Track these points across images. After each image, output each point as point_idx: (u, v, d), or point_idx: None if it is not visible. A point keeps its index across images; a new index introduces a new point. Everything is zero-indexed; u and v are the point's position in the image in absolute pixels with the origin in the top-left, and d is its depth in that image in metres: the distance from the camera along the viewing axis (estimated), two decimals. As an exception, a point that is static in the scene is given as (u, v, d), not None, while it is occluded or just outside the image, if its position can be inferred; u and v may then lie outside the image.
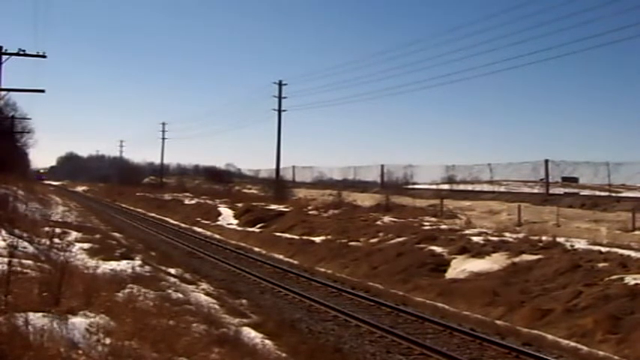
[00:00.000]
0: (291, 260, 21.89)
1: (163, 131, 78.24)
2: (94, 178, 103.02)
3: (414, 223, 24.43)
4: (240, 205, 39.26)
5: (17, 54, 26.26)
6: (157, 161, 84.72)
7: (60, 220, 25.54)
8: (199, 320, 9.32)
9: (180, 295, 11.92)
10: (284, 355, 9.18)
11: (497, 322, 12.53)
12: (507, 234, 20.13)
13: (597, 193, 29.66)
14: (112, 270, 12.74)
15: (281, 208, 34.74)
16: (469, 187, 36.47)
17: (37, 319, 6.06)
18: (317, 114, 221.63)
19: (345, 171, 47.85)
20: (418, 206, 30.97)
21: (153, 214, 44.90)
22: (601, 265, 14.52)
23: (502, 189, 35.10)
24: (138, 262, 15.04)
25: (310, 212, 31.98)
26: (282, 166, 49.25)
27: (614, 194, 28.96)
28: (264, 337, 10.07)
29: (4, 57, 26.20)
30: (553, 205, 26.10)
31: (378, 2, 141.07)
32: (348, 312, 12.99)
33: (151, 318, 7.94)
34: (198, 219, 37.56)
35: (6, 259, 8.46)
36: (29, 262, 10.34)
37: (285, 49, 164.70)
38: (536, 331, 11.74)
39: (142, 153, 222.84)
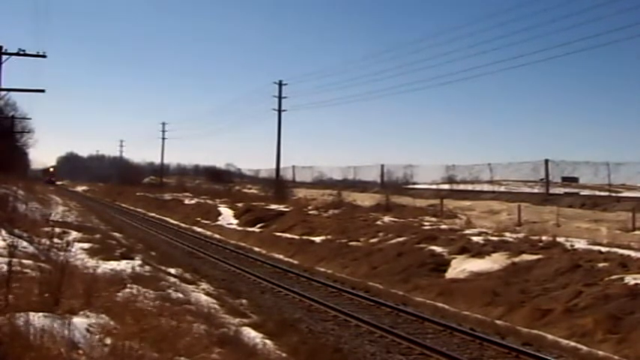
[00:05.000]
0: (291, 260, 21.87)
1: (163, 131, 78.43)
2: (94, 178, 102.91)
3: (414, 223, 24.41)
4: (240, 205, 39.22)
5: (17, 54, 26.29)
6: (157, 161, 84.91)
7: (60, 219, 25.53)
8: (200, 320, 9.32)
9: (181, 295, 11.92)
10: (284, 355, 9.17)
11: (497, 321, 12.53)
12: (507, 234, 20.12)
13: (597, 193, 29.70)
14: (112, 270, 12.73)
15: (281, 208, 34.71)
16: (469, 187, 36.48)
17: (37, 319, 6.05)
18: (317, 114, 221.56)
19: (345, 171, 47.96)
20: (418, 206, 30.97)
21: (153, 214, 44.89)
22: (601, 265, 14.51)
23: (502, 189, 35.12)
24: (138, 262, 15.04)
25: (310, 212, 31.95)
26: (282, 166, 49.31)
27: (614, 194, 28.98)
28: (265, 337, 10.06)
29: (4, 57, 26.24)
30: (553, 205, 26.12)
31: (378, 2, 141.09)
32: (348, 312, 12.98)
33: (151, 318, 7.94)
34: (198, 219, 37.54)
35: (6, 259, 8.46)
36: (29, 262, 10.33)
37: (285, 49, 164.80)
38: (536, 331, 11.73)
39: (142, 153, 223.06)
